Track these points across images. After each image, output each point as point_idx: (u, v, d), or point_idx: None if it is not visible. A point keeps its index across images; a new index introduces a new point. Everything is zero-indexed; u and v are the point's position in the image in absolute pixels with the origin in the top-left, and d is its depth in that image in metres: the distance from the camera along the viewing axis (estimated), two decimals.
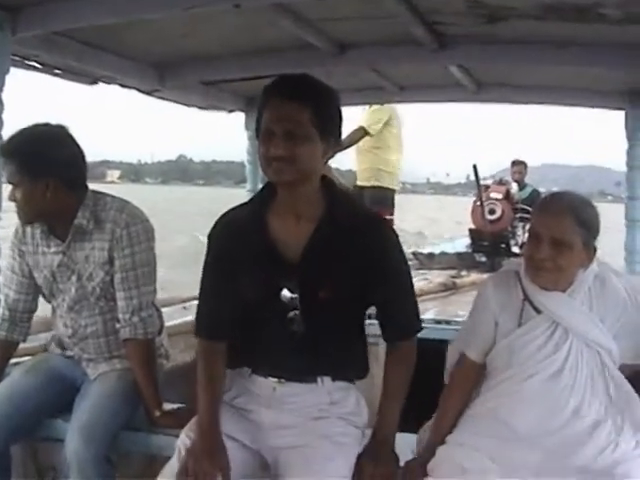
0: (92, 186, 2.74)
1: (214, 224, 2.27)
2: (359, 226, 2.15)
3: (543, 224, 2.13)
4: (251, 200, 2.29)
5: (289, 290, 2.15)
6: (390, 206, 6.28)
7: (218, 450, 2.10)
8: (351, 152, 6.41)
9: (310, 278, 2.13)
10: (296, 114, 2.00)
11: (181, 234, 21.77)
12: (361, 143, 6.24)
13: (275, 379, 2.20)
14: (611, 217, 3.01)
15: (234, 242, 2.19)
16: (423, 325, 2.29)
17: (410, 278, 2.29)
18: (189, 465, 2.07)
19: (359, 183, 6.40)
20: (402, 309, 2.26)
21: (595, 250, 2.16)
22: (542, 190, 9.40)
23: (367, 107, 6.09)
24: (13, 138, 2.55)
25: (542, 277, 2.15)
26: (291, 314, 2.15)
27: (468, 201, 8.92)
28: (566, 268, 2.13)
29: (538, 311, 2.19)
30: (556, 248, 2.09)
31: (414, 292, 2.30)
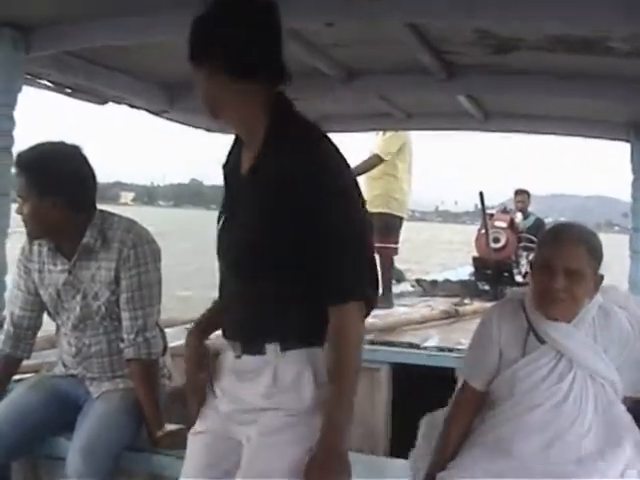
0: (106, 208, 2.75)
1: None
2: (290, 153, 1.76)
3: (557, 255, 2.10)
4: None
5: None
6: (396, 234, 6.24)
7: (199, 355, 1.98)
8: (361, 179, 6.35)
9: (239, 218, 1.86)
10: None
11: None
12: (373, 170, 6.20)
13: (232, 345, 1.90)
14: (610, 244, 3.00)
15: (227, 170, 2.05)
16: (425, 353, 2.21)
17: (356, 228, 1.82)
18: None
19: (369, 210, 6.28)
20: (336, 265, 1.75)
21: (602, 279, 2.16)
22: (548, 220, 9.37)
23: (380, 133, 6.07)
24: (26, 152, 2.57)
25: (557, 308, 2.13)
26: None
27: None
28: (580, 298, 2.12)
29: (542, 341, 2.18)
30: (570, 278, 2.08)
31: (362, 246, 1.83)
